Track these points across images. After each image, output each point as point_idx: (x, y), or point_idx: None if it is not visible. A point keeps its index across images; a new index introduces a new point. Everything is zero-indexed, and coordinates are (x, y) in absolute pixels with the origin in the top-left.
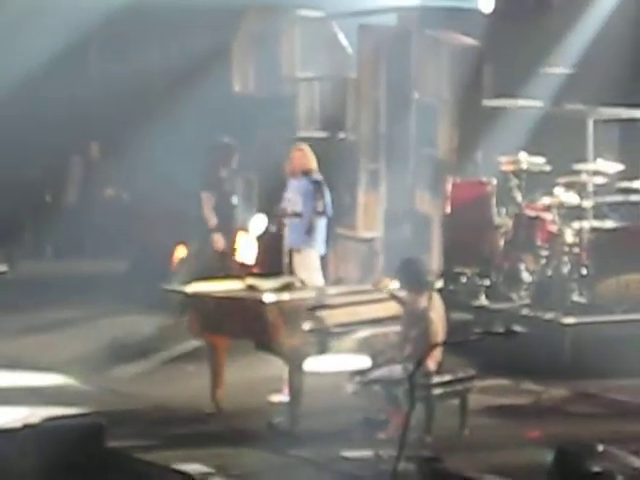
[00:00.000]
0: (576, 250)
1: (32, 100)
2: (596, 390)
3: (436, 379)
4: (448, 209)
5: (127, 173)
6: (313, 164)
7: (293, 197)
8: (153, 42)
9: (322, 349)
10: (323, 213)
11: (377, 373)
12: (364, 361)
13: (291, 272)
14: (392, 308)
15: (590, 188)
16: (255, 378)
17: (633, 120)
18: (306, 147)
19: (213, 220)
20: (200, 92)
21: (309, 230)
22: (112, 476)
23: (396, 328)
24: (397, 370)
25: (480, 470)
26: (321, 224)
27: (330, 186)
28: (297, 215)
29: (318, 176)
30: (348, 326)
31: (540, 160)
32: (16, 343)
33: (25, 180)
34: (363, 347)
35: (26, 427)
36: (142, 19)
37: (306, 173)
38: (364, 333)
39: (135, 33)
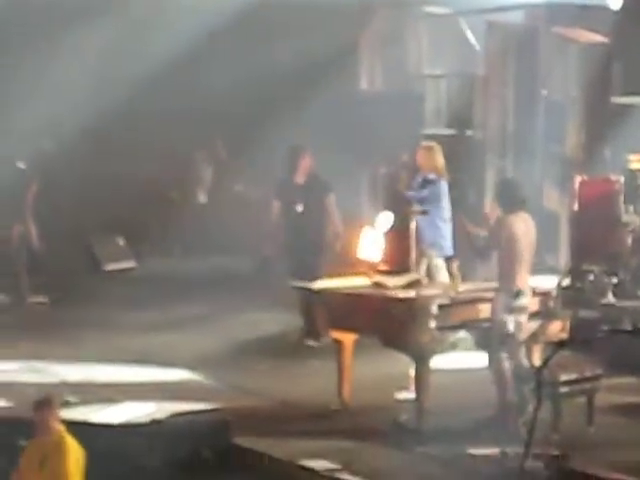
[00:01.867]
0: None
1: (158, 96)
2: None
3: (563, 377)
4: (576, 206)
5: (255, 170)
6: (438, 162)
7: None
8: (281, 39)
9: (449, 346)
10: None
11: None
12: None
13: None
14: None
15: None
16: (381, 375)
17: None
18: (434, 145)
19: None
20: (328, 89)
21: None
22: (238, 472)
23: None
24: (524, 366)
25: (607, 468)
26: (442, 225)
27: (457, 183)
28: (424, 213)
29: (436, 176)
30: (475, 322)
31: None
32: (144, 339)
33: (153, 177)
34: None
35: (153, 422)
36: (271, 17)
37: (431, 172)
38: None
39: (264, 30)
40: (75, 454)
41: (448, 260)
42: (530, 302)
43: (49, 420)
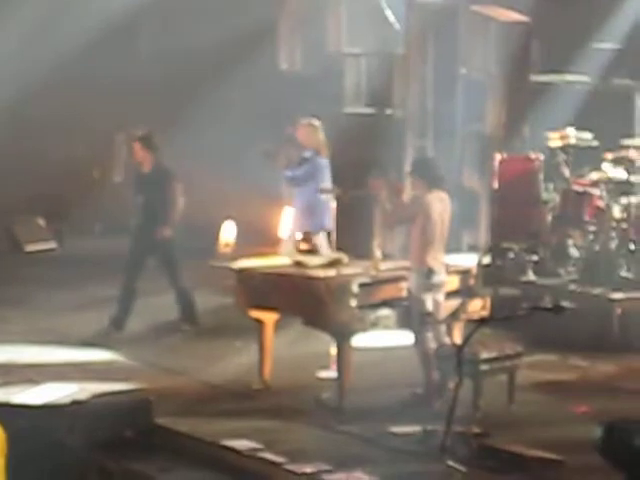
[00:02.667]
0: (624, 225)
1: (80, 78)
2: None
3: (484, 355)
4: (495, 185)
5: (173, 151)
6: (318, 139)
7: (295, 177)
8: (199, 19)
9: (370, 325)
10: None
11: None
12: (409, 337)
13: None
14: None
15: (638, 163)
16: (303, 354)
17: None
18: (314, 121)
19: None
20: (246, 70)
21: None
22: (161, 452)
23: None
24: (446, 344)
25: (528, 445)
26: (320, 201)
27: (377, 163)
28: (327, 191)
29: (313, 152)
30: (396, 301)
31: (588, 135)
32: (64, 319)
33: (74, 155)
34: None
35: (75, 403)
36: None
37: (312, 148)
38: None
39: (181, 10)
40: None
41: (328, 234)
42: (447, 279)
43: None
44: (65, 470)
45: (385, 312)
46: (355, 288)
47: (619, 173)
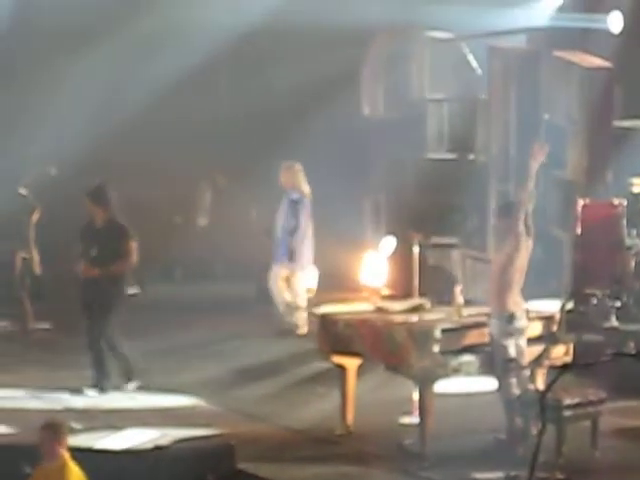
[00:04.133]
0: None
1: (161, 123)
2: None
3: (567, 401)
4: (578, 230)
5: (257, 196)
6: (294, 181)
7: (278, 216)
8: (283, 66)
9: (452, 370)
10: (296, 230)
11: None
12: (491, 382)
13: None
14: None
15: None
16: (385, 400)
17: None
18: (295, 164)
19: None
20: (330, 116)
21: (282, 247)
22: None
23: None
24: (529, 390)
25: None
26: (298, 242)
27: (459, 207)
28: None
29: (296, 194)
30: (478, 347)
31: None
32: (146, 364)
33: (155, 202)
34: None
35: (157, 449)
36: (272, 43)
37: (293, 190)
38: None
39: (265, 55)
40: None
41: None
42: (528, 324)
43: (53, 446)
44: None
45: (467, 358)
46: (437, 334)
47: None
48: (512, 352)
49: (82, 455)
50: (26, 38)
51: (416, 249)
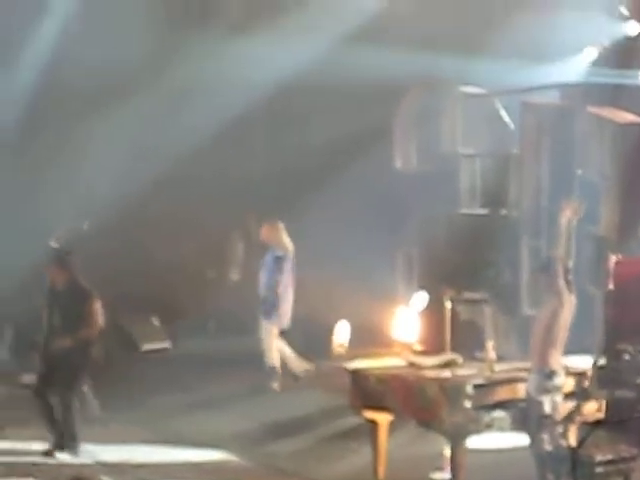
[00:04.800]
0: None
1: (194, 177)
2: None
3: (599, 457)
4: (611, 286)
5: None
6: (276, 239)
7: (262, 272)
8: (317, 119)
9: (484, 426)
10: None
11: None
12: (523, 438)
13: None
14: None
15: None
16: (416, 455)
17: None
18: (277, 222)
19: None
20: (363, 169)
21: (265, 304)
22: None
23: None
24: (562, 447)
25: None
26: (276, 298)
27: (491, 262)
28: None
29: (279, 252)
30: (510, 403)
31: None
32: (179, 419)
33: (188, 256)
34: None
35: None
36: (307, 97)
37: (272, 247)
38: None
39: (300, 110)
40: None
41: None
42: (565, 382)
43: None
44: None
45: (499, 413)
46: (470, 389)
47: None
48: (548, 408)
49: None
50: (59, 95)
51: (448, 304)
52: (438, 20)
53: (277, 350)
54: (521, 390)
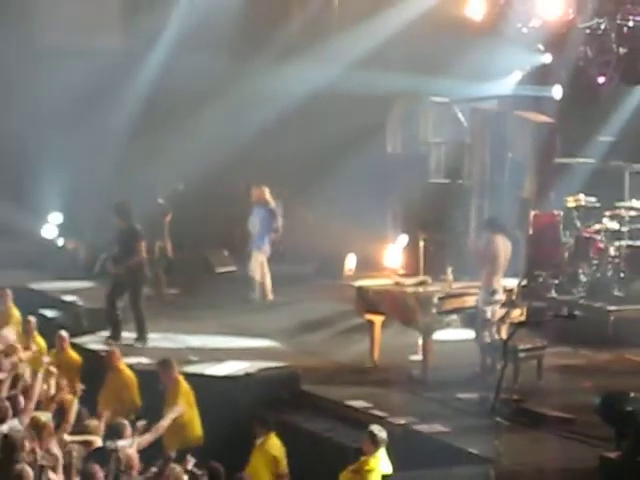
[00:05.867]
0: (617, 260)
1: (249, 156)
2: (629, 355)
3: (521, 346)
4: (530, 231)
5: (313, 207)
6: (264, 198)
7: (254, 220)
8: (333, 118)
9: (445, 325)
10: (276, 231)
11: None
12: (471, 334)
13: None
14: None
15: (626, 218)
16: (400, 344)
17: None
18: (263, 186)
19: None
20: (365, 153)
21: (262, 241)
22: (306, 408)
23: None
24: (496, 340)
25: (550, 408)
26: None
27: (451, 215)
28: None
29: (272, 206)
30: (463, 310)
31: (593, 199)
32: (241, 318)
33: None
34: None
35: (247, 374)
36: (327, 102)
37: (263, 204)
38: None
39: (321, 111)
40: (186, 395)
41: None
42: (503, 297)
43: (166, 374)
44: (239, 421)
45: (455, 317)
46: (435, 300)
47: (614, 225)
48: (489, 315)
49: (197, 379)
50: (167, 98)
51: (421, 243)
52: (415, 48)
53: (261, 271)
54: (470, 301)
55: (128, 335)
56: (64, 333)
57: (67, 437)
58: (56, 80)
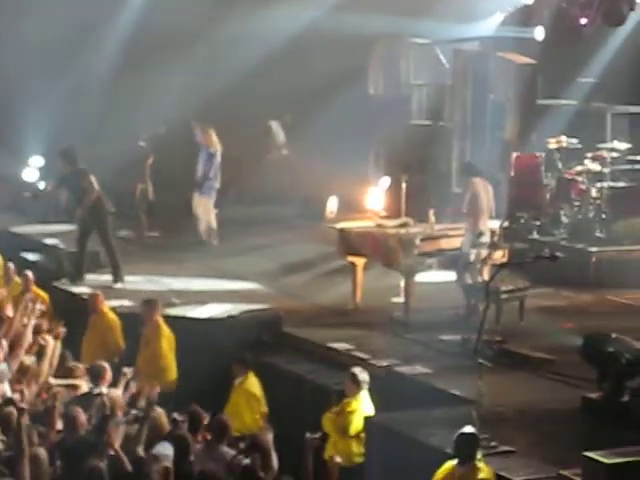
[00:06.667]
0: (598, 202)
1: (240, 94)
2: (611, 296)
3: (503, 288)
4: (512, 173)
5: (298, 143)
6: (209, 140)
7: (198, 162)
8: (319, 60)
9: (427, 267)
10: (214, 174)
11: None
12: (452, 275)
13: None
14: None
15: (608, 160)
16: (382, 286)
17: (638, 114)
18: (210, 127)
19: None
20: (347, 94)
21: (203, 184)
22: (288, 350)
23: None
24: (478, 281)
25: (532, 349)
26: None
27: (433, 156)
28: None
29: (212, 149)
30: (445, 251)
31: (574, 141)
32: (223, 261)
33: (231, 148)
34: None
35: (230, 317)
36: (310, 44)
37: (206, 146)
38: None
39: (307, 54)
40: (168, 338)
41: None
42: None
43: (150, 314)
44: (221, 363)
45: (436, 258)
46: (417, 242)
47: (595, 166)
48: (472, 258)
49: (180, 321)
50: (147, 37)
51: (403, 185)
52: None
53: (207, 215)
54: (451, 243)
55: (106, 278)
56: (29, 273)
57: (52, 380)
58: (37, 24)
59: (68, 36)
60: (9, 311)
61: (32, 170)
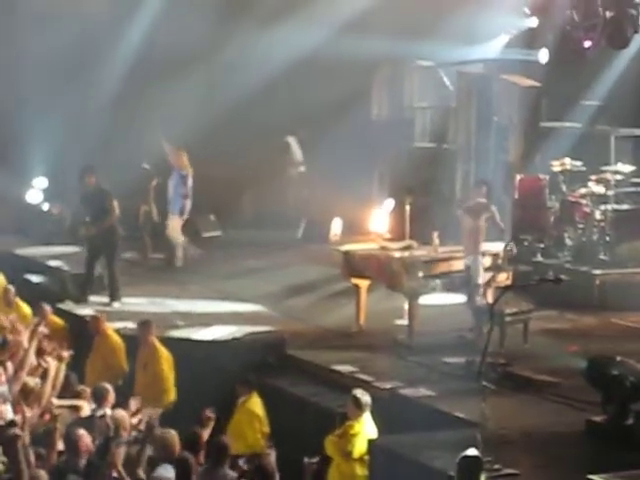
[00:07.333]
0: (602, 224)
1: (235, 119)
2: (615, 319)
3: (508, 310)
4: (516, 195)
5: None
6: (181, 162)
7: (170, 183)
8: (323, 84)
9: (430, 289)
10: (186, 196)
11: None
12: (457, 298)
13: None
14: None
15: (612, 182)
16: (385, 308)
17: None
18: (180, 149)
19: None
20: (351, 117)
21: (176, 206)
22: (292, 372)
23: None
24: (483, 303)
25: (536, 372)
26: (185, 202)
27: (437, 179)
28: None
29: (184, 171)
30: (449, 274)
31: (578, 163)
32: (227, 283)
33: (236, 174)
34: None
35: (234, 339)
36: (317, 66)
37: (177, 168)
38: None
39: (309, 78)
40: (167, 360)
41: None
42: (488, 261)
43: (145, 336)
44: (225, 385)
45: (440, 281)
46: (421, 264)
47: (599, 189)
48: (480, 279)
49: (184, 343)
50: (151, 60)
51: (407, 207)
52: (401, 11)
53: (179, 236)
54: (455, 265)
55: (106, 300)
56: (45, 306)
57: (55, 401)
58: (41, 45)
59: (71, 58)
60: (24, 336)
61: (36, 191)
